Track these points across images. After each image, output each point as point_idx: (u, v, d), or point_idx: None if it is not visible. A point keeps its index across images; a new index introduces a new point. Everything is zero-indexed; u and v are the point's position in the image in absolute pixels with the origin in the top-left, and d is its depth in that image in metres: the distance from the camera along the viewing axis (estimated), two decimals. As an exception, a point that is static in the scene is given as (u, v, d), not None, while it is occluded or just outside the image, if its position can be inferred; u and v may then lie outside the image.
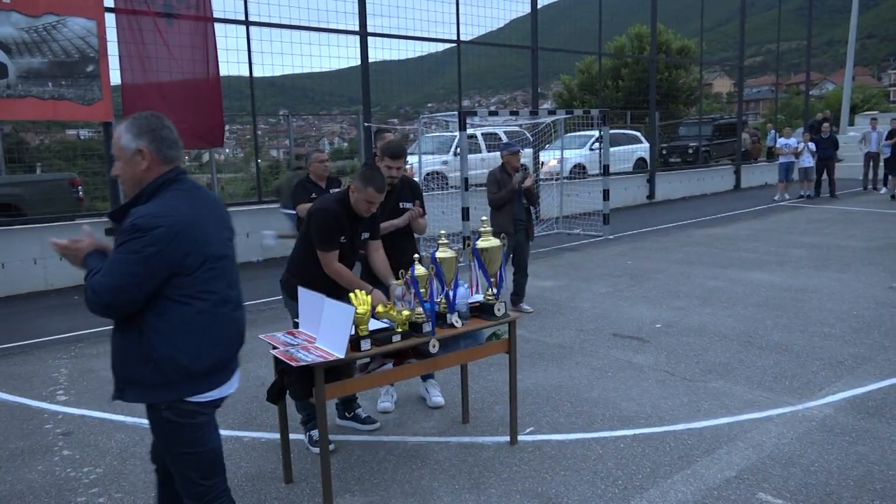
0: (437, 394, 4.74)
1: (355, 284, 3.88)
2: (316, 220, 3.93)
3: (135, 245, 2.28)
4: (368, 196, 3.86)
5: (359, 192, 3.88)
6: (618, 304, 7.30)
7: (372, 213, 4.00)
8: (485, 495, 3.52)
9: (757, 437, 4.08)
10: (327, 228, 3.89)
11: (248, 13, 10.66)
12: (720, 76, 57.77)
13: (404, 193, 4.77)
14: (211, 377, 2.48)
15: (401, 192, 4.74)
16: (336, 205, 3.95)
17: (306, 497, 3.57)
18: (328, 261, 3.92)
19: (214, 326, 2.45)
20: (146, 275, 2.30)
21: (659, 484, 3.57)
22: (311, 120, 23.05)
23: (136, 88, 9.57)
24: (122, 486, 3.77)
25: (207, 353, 2.44)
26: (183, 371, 2.40)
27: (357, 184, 3.89)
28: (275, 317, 7.34)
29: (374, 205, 3.95)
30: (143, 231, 2.28)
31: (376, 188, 3.86)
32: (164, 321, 2.37)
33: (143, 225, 2.29)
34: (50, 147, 17.05)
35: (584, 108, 16.91)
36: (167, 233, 2.30)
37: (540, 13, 14.63)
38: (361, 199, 3.88)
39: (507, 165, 6.97)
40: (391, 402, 4.73)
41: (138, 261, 2.28)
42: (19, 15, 8.56)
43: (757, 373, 5.15)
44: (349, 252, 4.05)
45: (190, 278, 2.38)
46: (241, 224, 10.84)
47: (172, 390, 2.42)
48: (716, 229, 12.48)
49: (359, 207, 3.92)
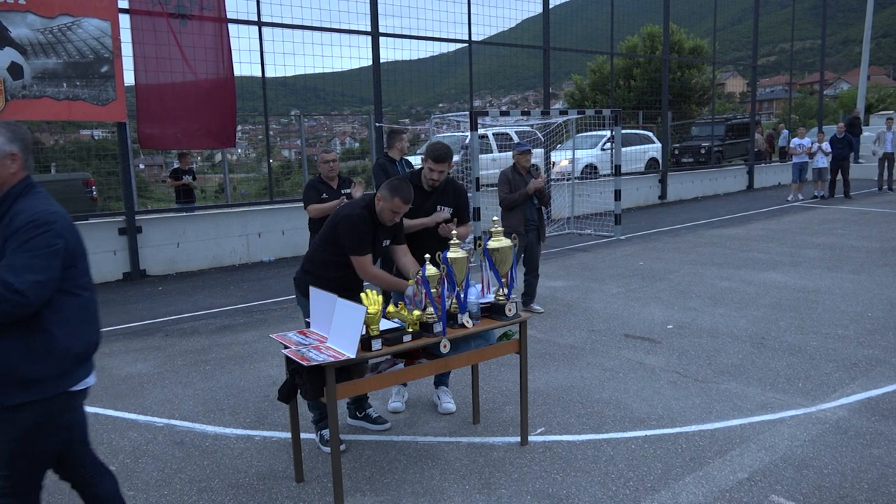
0: (448, 400, 4.70)
1: (394, 285, 3.94)
2: (346, 226, 3.91)
3: (41, 241, 2.33)
4: (395, 206, 3.86)
5: (385, 200, 3.87)
6: (629, 305, 7.28)
7: (396, 221, 3.99)
8: (495, 496, 3.52)
9: (770, 438, 4.05)
10: (358, 232, 3.89)
11: (261, 14, 10.71)
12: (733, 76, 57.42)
13: (445, 197, 4.63)
14: (89, 362, 2.63)
15: (442, 195, 4.62)
16: (363, 211, 3.95)
17: (317, 496, 3.58)
18: (364, 264, 3.91)
19: (95, 313, 2.63)
20: (59, 269, 2.38)
21: (670, 485, 3.56)
22: (322, 120, 23.09)
23: (150, 89, 9.63)
24: (134, 483, 3.79)
25: (94, 340, 2.62)
26: (75, 358, 2.50)
27: (384, 192, 3.88)
28: (286, 316, 7.37)
29: (399, 215, 3.95)
30: (46, 225, 2.35)
31: (403, 199, 3.85)
32: (61, 313, 2.44)
33: (42, 220, 2.35)
34: (64, 147, 17.18)
35: (595, 108, 16.87)
36: (65, 226, 2.42)
37: (552, 13, 14.61)
38: (387, 207, 3.88)
39: (518, 165, 6.97)
40: (402, 402, 4.73)
41: (51, 254, 2.34)
42: (35, 16, 8.64)
43: (770, 374, 5.12)
44: (371, 258, 4.05)
45: (77, 270, 2.50)
46: (253, 224, 10.93)
47: (66, 380, 2.50)
48: (728, 230, 12.41)
49: (383, 216, 3.92)
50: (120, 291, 9.06)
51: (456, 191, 4.71)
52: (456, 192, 4.70)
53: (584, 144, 17.00)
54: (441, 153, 4.43)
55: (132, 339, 6.75)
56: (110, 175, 12.28)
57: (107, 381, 5.51)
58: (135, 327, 7.19)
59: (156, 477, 3.86)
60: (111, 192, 12.36)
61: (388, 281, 4.01)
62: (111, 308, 8.10)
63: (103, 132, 16.93)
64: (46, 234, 2.34)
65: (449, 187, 4.67)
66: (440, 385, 4.76)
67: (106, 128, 15.23)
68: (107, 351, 6.35)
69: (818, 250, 10.00)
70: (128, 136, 9.84)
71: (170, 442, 4.32)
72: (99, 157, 14.55)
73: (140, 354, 6.22)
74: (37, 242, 2.33)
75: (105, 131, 16.43)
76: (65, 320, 2.45)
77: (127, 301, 8.47)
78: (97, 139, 17.87)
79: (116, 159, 10.32)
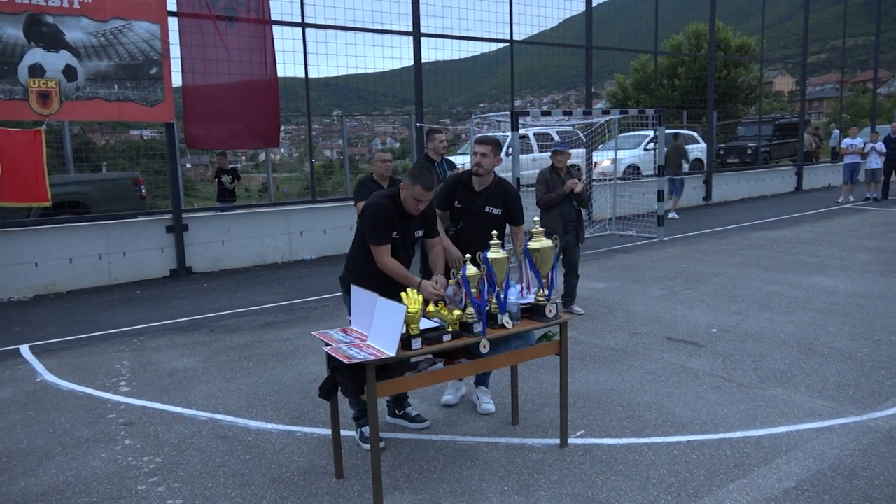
0: (487, 401, 4.68)
1: (403, 277, 3.94)
2: (367, 214, 4.01)
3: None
4: (416, 193, 3.89)
5: (407, 188, 3.92)
6: (672, 308, 7.16)
7: (421, 210, 4.01)
8: (534, 497, 3.50)
9: (818, 447, 3.94)
10: (378, 222, 3.95)
11: (305, 15, 10.84)
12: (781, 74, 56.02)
13: (495, 198, 4.56)
14: None
15: (492, 196, 4.56)
16: (386, 200, 4.00)
17: (356, 493, 3.61)
18: (379, 254, 3.96)
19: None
20: None
21: (714, 492, 3.49)
22: (364, 120, 23.29)
23: (196, 90, 9.84)
24: (179, 476, 3.88)
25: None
26: None
27: (406, 181, 3.93)
28: (327, 314, 7.45)
29: (423, 202, 3.96)
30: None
31: (424, 186, 3.88)
32: None
33: None
34: (115, 147, 17.66)
35: (639, 108, 16.64)
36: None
37: (595, 11, 14.46)
38: (410, 196, 3.92)
39: (555, 165, 6.94)
40: (455, 396, 4.74)
41: None
42: (88, 20, 8.90)
43: (818, 381, 4.98)
44: (401, 249, 4.08)
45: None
46: (296, 222, 11.08)
47: None
48: (776, 232, 12.12)
49: (407, 205, 3.96)
50: (167, 288, 9.28)
51: (507, 192, 4.64)
52: (507, 194, 4.63)
53: (626, 144, 16.79)
54: (483, 137, 4.52)
55: (178, 334, 6.91)
56: (158, 174, 12.59)
57: (154, 375, 5.65)
58: (180, 323, 7.36)
59: (200, 469, 3.94)
60: (159, 191, 12.66)
61: (399, 274, 3.96)
62: (158, 304, 8.31)
63: (152, 132, 17.34)
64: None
65: (500, 188, 4.61)
66: (480, 385, 4.76)
67: (154, 128, 15.58)
68: (154, 346, 6.52)
69: (870, 254, 9.70)
70: (175, 136, 10.07)
71: (214, 436, 4.41)
72: (147, 157, 14.91)
73: (185, 350, 6.36)
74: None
75: (153, 131, 16.82)
76: None
77: (173, 297, 8.67)
78: (146, 139, 18.30)
79: (164, 159, 10.57)
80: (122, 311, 7.98)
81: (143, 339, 6.75)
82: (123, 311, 7.97)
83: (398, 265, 4.00)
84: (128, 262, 9.70)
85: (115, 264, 9.60)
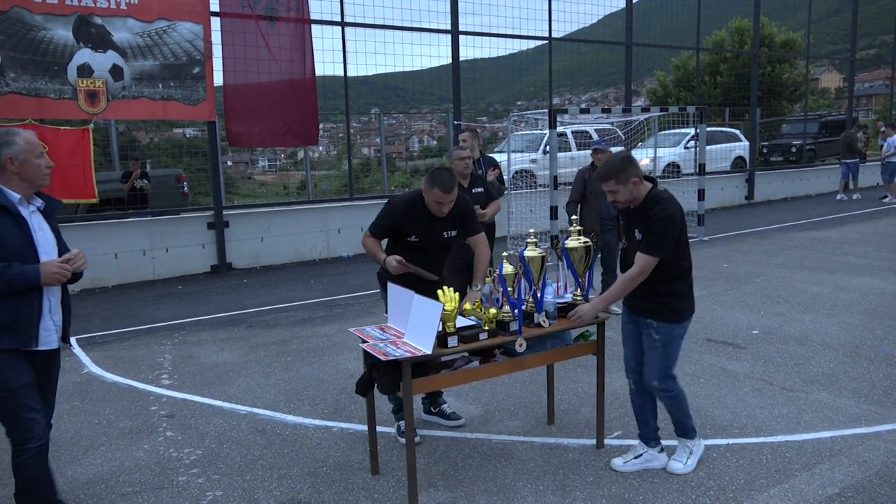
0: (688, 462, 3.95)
1: (373, 254, 4.03)
2: (384, 208, 4.07)
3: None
4: (435, 196, 3.87)
5: (427, 193, 3.91)
6: (712, 308, 7.04)
7: (446, 213, 3.96)
8: (570, 498, 3.48)
9: (863, 453, 3.83)
10: (382, 217, 4.05)
11: (344, 14, 10.93)
12: (828, 70, 54.54)
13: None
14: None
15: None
16: (404, 203, 4.02)
17: (391, 489, 3.63)
18: (364, 236, 4.08)
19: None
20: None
21: (754, 497, 3.42)
22: (401, 118, 23.40)
23: (237, 89, 10.00)
24: (219, 468, 3.95)
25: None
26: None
27: (425, 184, 3.91)
28: (364, 311, 7.51)
29: (445, 205, 3.91)
30: None
31: (442, 188, 3.84)
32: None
33: None
34: (158, 145, 18.06)
35: (679, 105, 16.38)
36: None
37: (635, 7, 14.28)
38: (430, 200, 3.91)
39: (595, 164, 6.89)
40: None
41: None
42: (135, 20, 9.12)
43: (864, 385, 4.84)
44: (425, 250, 4.05)
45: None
46: (333, 220, 11.18)
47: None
48: (821, 232, 11.81)
49: (431, 208, 3.95)
50: (208, 283, 9.46)
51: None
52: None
53: (666, 142, 16.54)
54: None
55: (218, 328, 7.03)
56: (200, 171, 12.82)
57: (195, 368, 5.76)
58: (221, 318, 7.49)
59: (239, 462, 4.01)
60: (200, 188, 12.90)
61: (370, 251, 4.06)
62: (199, 299, 8.47)
63: (194, 130, 17.69)
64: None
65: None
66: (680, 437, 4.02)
67: (197, 126, 15.89)
68: (195, 340, 6.65)
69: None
70: (217, 134, 10.25)
71: (252, 429, 4.48)
72: (190, 155, 15.21)
73: (225, 344, 6.48)
74: None
75: (196, 130, 17.15)
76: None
77: (214, 292, 8.83)
78: (188, 137, 18.67)
79: (206, 156, 10.77)
80: (164, 306, 8.15)
81: (185, 334, 6.89)
82: (166, 306, 8.15)
83: (371, 243, 4.06)
84: (170, 257, 9.91)
85: (158, 260, 9.82)
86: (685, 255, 3.58)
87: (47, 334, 3.10)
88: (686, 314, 3.63)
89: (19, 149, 3.00)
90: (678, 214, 3.47)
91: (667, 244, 3.45)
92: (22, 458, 3.01)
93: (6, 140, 3.00)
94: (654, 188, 3.55)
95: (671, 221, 3.44)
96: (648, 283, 3.52)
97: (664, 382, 3.63)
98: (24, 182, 3.04)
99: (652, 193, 3.53)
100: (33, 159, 3.04)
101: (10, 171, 3.00)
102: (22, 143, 3.02)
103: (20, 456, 3.02)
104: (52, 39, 8.64)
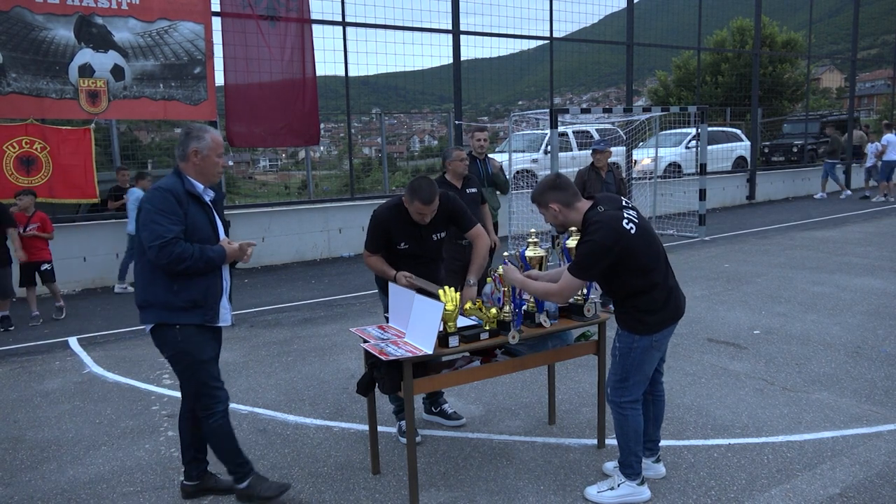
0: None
1: (380, 271, 4.01)
2: (369, 223, 4.03)
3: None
4: (417, 209, 3.83)
5: (408, 204, 3.86)
6: (713, 308, 7.04)
7: (428, 221, 3.91)
8: (570, 497, 3.48)
9: (864, 453, 3.83)
10: (370, 232, 4.02)
11: (345, 14, 10.93)
12: (829, 70, 54.48)
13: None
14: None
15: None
16: (387, 212, 3.97)
17: (392, 489, 3.63)
18: (365, 256, 4.09)
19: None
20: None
21: (755, 497, 3.42)
22: (402, 118, 23.38)
23: (238, 89, 10.00)
24: (219, 468, 3.94)
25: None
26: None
27: (406, 196, 3.85)
28: (365, 310, 7.51)
29: (427, 215, 3.87)
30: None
31: (422, 200, 3.77)
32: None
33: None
34: (160, 145, 18.06)
35: (680, 105, 16.37)
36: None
37: (636, 7, 14.28)
38: (413, 211, 3.86)
39: (595, 164, 6.92)
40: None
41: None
42: (136, 21, 9.13)
43: (866, 385, 4.84)
44: (417, 256, 4.03)
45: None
46: (334, 220, 11.18)
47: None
48: (822, 232, 11.81)
49: (414, 217, 3.90)
50: (208, 283, 9.44)
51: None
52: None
53: (667, 142, 16.53)
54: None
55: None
56: (201, 171, 12.81)
57: (196, 368, 5.75)
58: (222, 318, 7.48)
59: (240, 462, 4.00)
60: (202, 188, 12.90)
61: (377, 269, 4.05)
62: (200, 299, 8.46)
63: (195, 131, 17.66)
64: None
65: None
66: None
67: (198, 126, 15.88)
68: (196, 340, 6.64)
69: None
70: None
71: (253, 429, 4.49)
72: (191, 154, 15.19)
73: (227, 344, 6.42)
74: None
75: (197, 130, 17.12)
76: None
77: (215, 292, 8.82)
78: (189, 137, 18.65)
79: (207, 157, 10.75)
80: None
81: (186, 333, 6.88)
82: (167, 306, 8.13)
83: (376, 262, 4.05)
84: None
85: (159, 259, 9.80)
86: (643, 273, 3.25)
87: (224, 312, 3.49)
88: (653, 328, 3.30)
89: (206, 144, 3.26)
90: (608, 240, 3.13)
91: (588, 269, 3.21)
92: (213, 419, 3.37)
93: (197, 135, 3.26)
94: (590, 210, 3.26)
95: (594, 247, 3.15)
96: (614, 292, 3.36)
97: (615, 393, 3.40)
98: (201, 175, 3.30)
99: (587, 216, 3.27)
100: (214, 157, 3.30)
101: (193, 163, 3.26)
102: (209, 140, 3.27)
103: (211, 418, 3.37)
104: (54, 39, 8.65)
